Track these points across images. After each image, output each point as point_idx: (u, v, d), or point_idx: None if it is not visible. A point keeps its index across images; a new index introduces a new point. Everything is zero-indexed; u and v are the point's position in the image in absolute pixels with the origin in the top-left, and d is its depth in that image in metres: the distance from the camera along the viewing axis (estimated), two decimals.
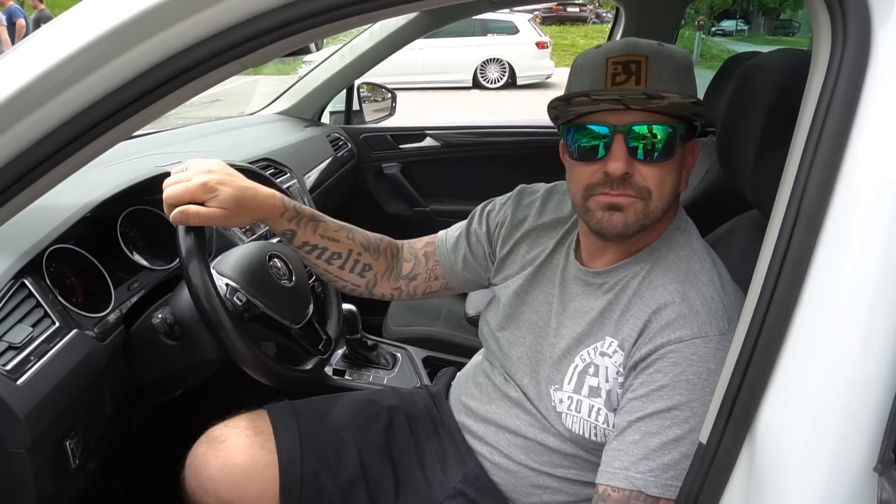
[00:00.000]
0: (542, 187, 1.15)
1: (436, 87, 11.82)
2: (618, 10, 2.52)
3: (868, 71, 0.62)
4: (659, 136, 0.88)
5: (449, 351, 1.81)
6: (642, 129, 0.88)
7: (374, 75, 2.63)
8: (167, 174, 1.03)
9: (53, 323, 0.98)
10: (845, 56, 0.63)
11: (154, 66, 0.70)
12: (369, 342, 1.67)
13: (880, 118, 0.62)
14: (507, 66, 12.57)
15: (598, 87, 0.90)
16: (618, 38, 2.49)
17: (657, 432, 0.84)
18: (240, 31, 0.68)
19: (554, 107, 0.93)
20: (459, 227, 1.21)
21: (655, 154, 0.88)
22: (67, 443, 0.96)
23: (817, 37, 0.67)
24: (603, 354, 0.93)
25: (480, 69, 12.59)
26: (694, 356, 0.85)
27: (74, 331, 1.00)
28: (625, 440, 0.86)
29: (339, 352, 1.67)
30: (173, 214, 0.99)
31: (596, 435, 0.93)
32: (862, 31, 0.63)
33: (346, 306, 1.57)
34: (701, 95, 2.07)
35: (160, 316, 1.12)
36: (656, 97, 0.85)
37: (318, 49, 1.62)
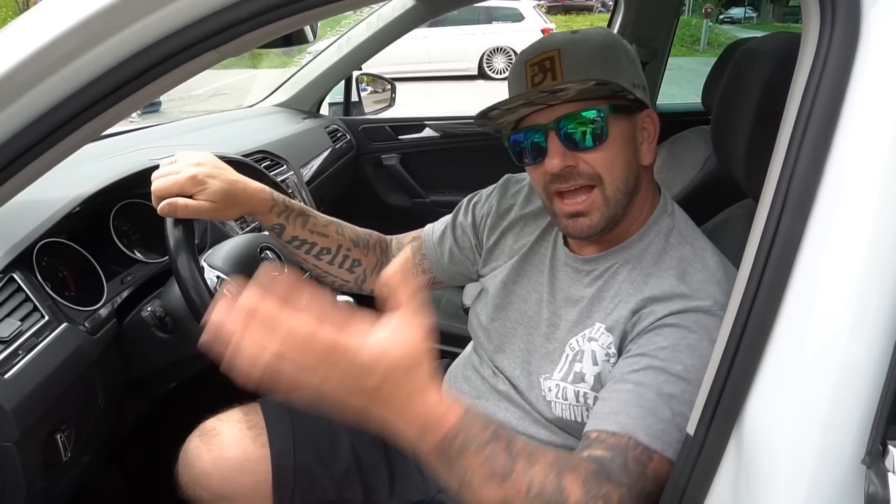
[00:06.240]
0: (528, 176, 1.13)
1: (440, 75, 11.76)
2: None
3: (857, 53, 0.60)
4: (586, 123, 0.89)
5: (447, 342, 1.80)
6: (568, 121, 0.89)
7: (378, 64, 2.60)
8: (158, 167, 1.03)
9: (43, 317, 0.97)
10: (834, 37, 0.61)
11: (131, 56, 0.69)
12: None
13: (869, 102, 0.60)
14: (512, 55, 12.48)
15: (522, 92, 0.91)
16: (616, 25, 2.46)
17: (651, 384, 0.80)
18: (217, 20, 0.67)
19: (482, 125, 0.96)
20: (445, 220, 1.20)
21: (589, 140, 0.89)
22: (58, 436, 0.96)
23: (806, 18, 0.65)
24: (591, 340, 0.92)
25: (487, 59, 12.50)
26: (696, 324, 0.83)
27: (64, 324, 1.00)
28: (615, 389, 0.82)
29: None
30: (161, 206, 0.98)
31: (588, 417, 0.91)
32: (851, 12, 0.61)
33: (343, 297, 1.56)
34: (702, 84, 2.03)
35: (149, 309, 1.11)
36: (558, 90, 0.86)
37: (313, 38, 1.60)
